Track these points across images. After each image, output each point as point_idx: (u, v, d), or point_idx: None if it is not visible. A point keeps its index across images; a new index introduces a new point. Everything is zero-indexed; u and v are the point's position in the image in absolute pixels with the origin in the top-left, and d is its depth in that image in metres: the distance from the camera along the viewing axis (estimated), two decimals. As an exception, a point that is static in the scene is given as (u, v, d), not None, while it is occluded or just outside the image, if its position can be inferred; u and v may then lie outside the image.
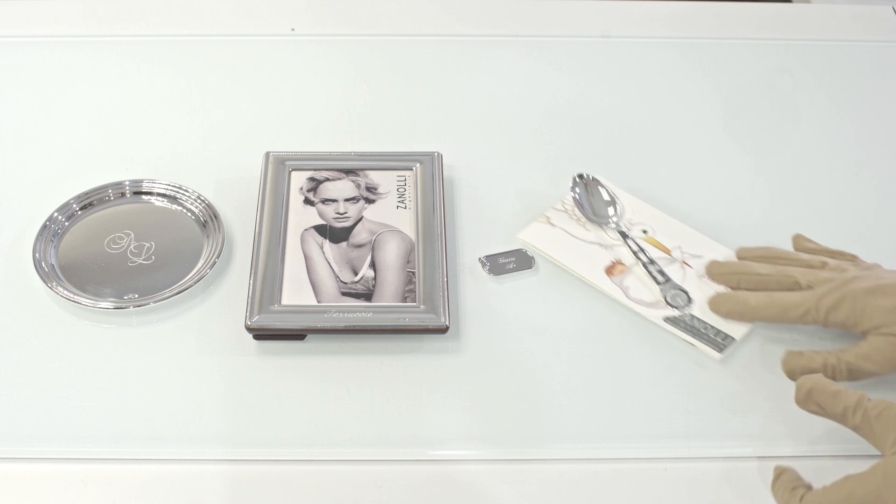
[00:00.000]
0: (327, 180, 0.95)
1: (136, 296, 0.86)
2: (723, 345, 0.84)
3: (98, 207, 0.94)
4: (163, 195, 0.95)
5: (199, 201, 0.94)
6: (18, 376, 0.82)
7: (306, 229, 0.91)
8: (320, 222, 0.91)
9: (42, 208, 0.93)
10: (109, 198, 0.95)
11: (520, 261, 0.90)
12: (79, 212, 0.93)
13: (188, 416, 0.80)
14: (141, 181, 0.95)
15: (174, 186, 0.95)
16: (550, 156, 1.00)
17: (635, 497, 0.76)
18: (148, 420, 0.80)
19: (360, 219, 0.92)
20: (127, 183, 0.95)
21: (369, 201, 0.93)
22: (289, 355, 0.84)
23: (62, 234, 0.92)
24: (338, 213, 0.92)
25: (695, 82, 1.10)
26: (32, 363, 0.83)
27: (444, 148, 0.98)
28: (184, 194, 0.94)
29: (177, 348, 0.84)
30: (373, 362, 0.83)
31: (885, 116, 1.08)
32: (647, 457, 0.78)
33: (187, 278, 0.88)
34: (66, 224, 0.92)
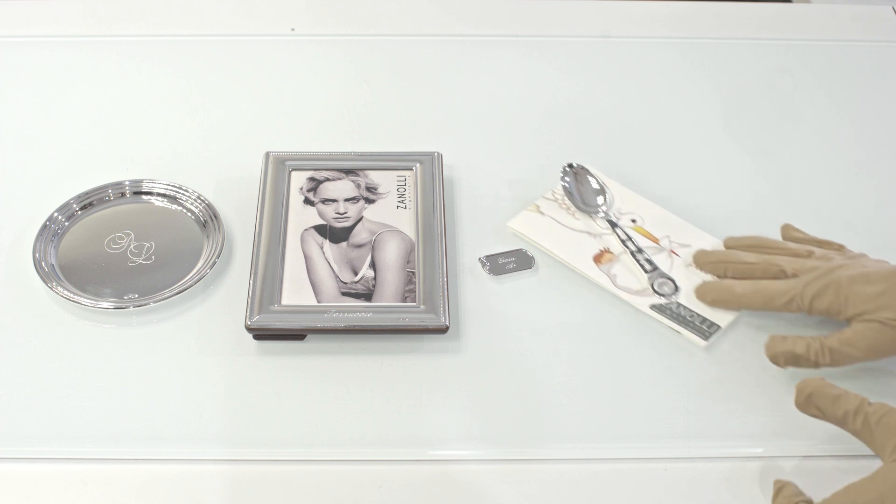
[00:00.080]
0: (327, 180, 0.95)
1: (136, 296, 0.86)
2: (708, 332, 0.85)
3: (98, 207, 0.94)
4: (163, 195, 0.95)
5: (199, 201, 0.94)
6: (18, 376, 0.82)
7: (306, 229, 0.91)
8: (320, 222, 0.91)
9: (42, 208, 0.93)
10: (109, 198, 0.94)
11: (520, 261, 0.90)
12: (79, 212, 0.93)
13: (188, 416, 0.80)
14: (141, 181, 0.95)
15: (174, 186, 0.95)
16: (550, 156, 1.00)
17: (635, 497, 0.76)
18: (148, 420, 0.79)
19: (360, 219, 0.92)
20: (127, 183, 0.95)
21: (369, 201, 0.93)
22: (289, 355, 0.84)
23: (62, 234, 0.91)
24: (338, 213, 0.92)
25: (695, 82, 1.10)
26: (32, 363, 0.83)
27: (444, 148, 0.98)
28: (184, 194, 0.94)
29: (177, 348, 0.84)
30: (373, 362, 0.83)
31: (885, 116, 1.07)
32: (647, 457, 0.78)
33: (187, 278, 0.88)
34: (66, 224, 0.92)
